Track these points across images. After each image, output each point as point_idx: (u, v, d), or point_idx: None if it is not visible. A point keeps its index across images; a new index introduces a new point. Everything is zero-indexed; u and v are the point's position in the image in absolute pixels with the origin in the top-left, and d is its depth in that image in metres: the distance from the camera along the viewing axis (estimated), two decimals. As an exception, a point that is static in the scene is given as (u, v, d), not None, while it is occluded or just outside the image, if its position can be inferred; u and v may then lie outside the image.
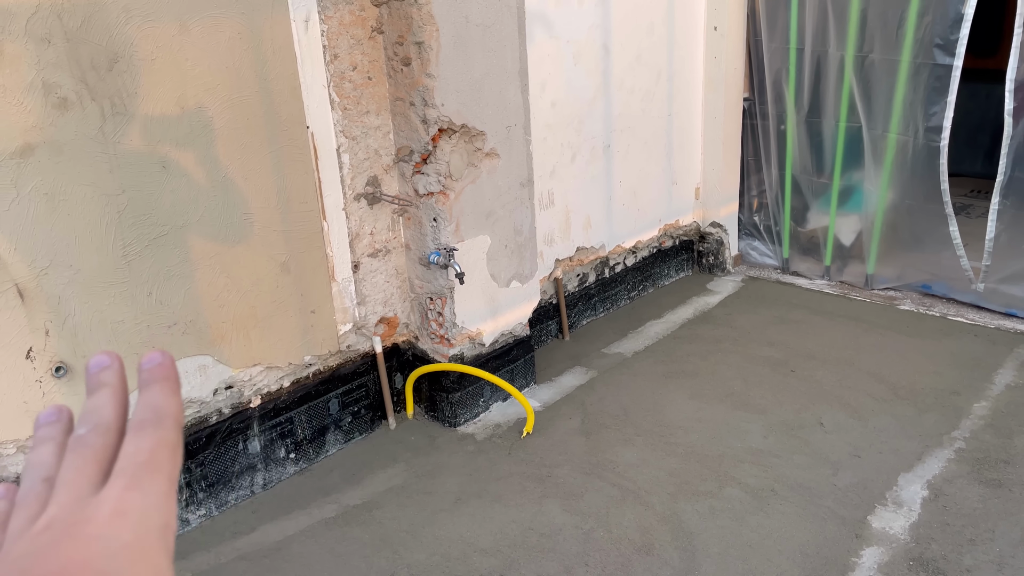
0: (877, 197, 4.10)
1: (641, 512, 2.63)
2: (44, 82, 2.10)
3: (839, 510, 2.58)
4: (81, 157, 2.20)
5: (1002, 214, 3.69)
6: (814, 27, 4.05)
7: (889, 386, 3.32)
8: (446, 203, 2.93)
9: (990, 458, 2.80)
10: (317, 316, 2.87)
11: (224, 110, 2.47)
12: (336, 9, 2.68)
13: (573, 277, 3.99)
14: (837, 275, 4.45)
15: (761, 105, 4.46)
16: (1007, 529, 2.45)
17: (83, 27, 2.14)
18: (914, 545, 2.41)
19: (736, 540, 2.48)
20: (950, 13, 3.53)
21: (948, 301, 4.08)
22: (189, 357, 2.55)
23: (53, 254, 2.20)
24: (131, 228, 2.33)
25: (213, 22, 2.39)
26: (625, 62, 3.90)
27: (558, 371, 3.63)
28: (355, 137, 2.85)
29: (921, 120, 3.76)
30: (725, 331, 3.95)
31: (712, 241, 4.69)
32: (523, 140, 3.15)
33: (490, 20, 2.89)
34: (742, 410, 3.21)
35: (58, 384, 2.28)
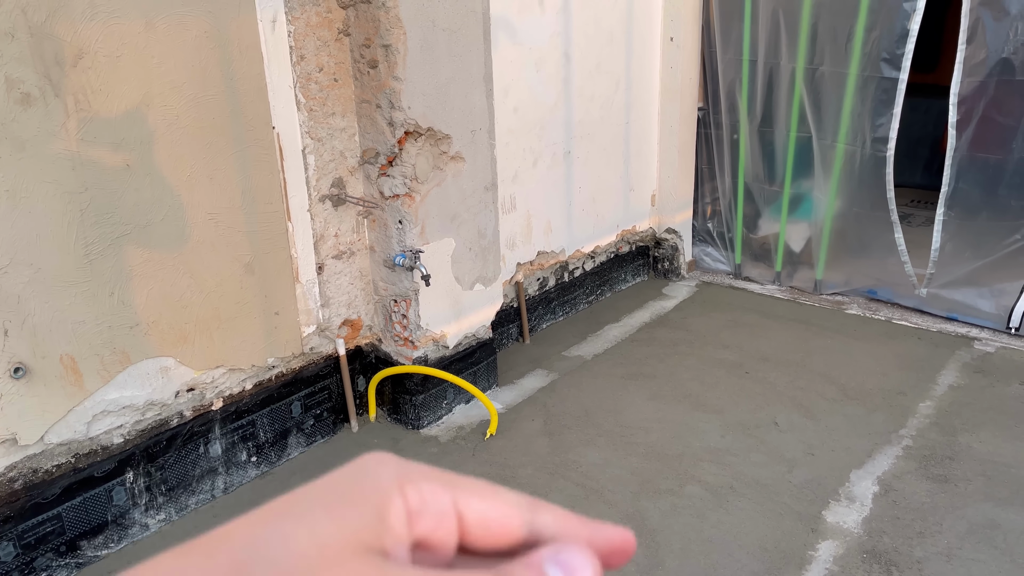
0: (826, 205, 4.24)
1: (605, 510, 2.68)
2: (7, 77, 2.06)
3: (795, 506, 2.67)
4: (43, 154, 2.16)
5: (947, 224, 3.85)
6: (766, 40, 4.18)
7: (839, 387, 3.44)
8: (412, 206, 2.94)
9: (936, 455, 2.92)
10: (281, 318, 2.86)
11: (190, 109, 2.44)
12: (303, 10, 2.68)
13: (534, 281, 4.04)
14: (787, 280, 4.59)
15: (715, 114, 4.57)
16: (954, 522, 2.56)
17: (48, 22, 2.10)
18: (867, 538, 2.51)
19: (697, 536, 2.54)
20: (896, 28, 3.68)
21: (893, 306, 4.23)
22: (151, 358, 2.52)
23: (13, 252, 2.15)
24: (93, 227, 2.29)
25: (179, 20, 2.37)
26: (585, 70, 3.97)
27: (520, 373, 3.67)
28: (321, 139, 2.84)
29: (868, 131, 3.91)
30: (681, 334, 4.04)
31: (667, 247, 4.78)
32: (488, 144, 3.18)
33: (456, 25, 2.92)
34: (700, 411, 3.28)
35: (16, 385, 2.22)
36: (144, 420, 2.55)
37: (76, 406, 2.36)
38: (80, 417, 2.38)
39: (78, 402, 2.36)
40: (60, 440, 2.36)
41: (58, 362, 2.30)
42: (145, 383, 2.52)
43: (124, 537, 2.57)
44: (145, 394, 2.52)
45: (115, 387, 2.44)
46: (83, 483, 2.43)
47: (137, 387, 2.50)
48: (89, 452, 2.43)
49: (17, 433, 2.25)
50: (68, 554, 2.43)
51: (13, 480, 2.28)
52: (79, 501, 2.42)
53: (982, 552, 2.42)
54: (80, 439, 2.40)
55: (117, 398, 2.45)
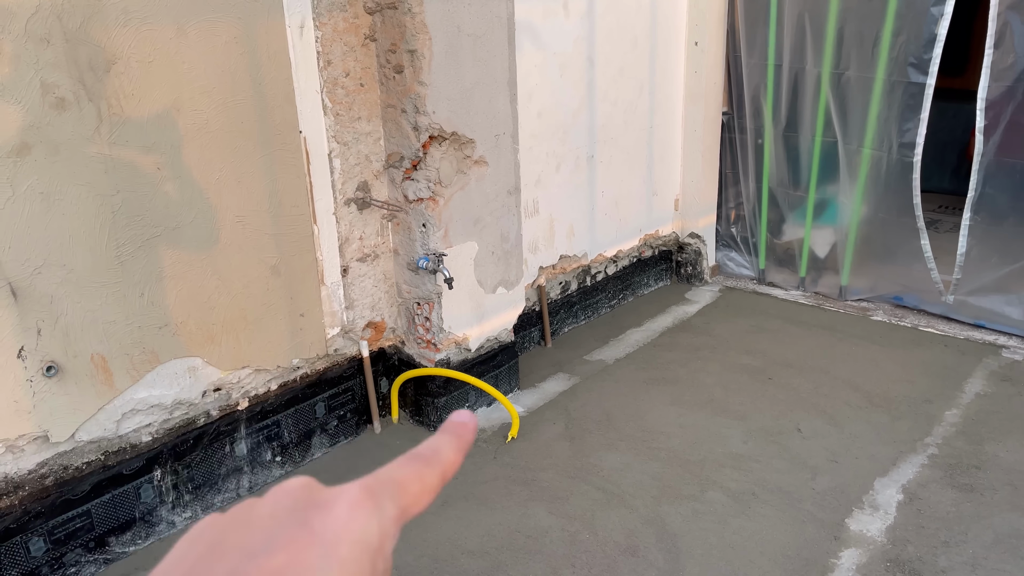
0: (851, 211, 4.21)
1: (625, 515, 2.68)
2: (42, 82, 2.11)
3: (818, 513, 2.65)
4: (77, 157, 2.20)
5: (973, 229, 3.81)
6: (792, 44, 4.16)
7: (864, 394, 3.41)
8: (435, 209, 2.97)
9: (962, 464, 2.89)
10: (306, 319, 2.89)
11: (219, 113, 2.48)
12: (330, 16, 2.72)
13: (556, 285, 4.05)
14: (812, 286, 4.56)
15: (739, 119, 4.56)
16: (979, 531, 2.54)
17: (82, 28, 2.15)
18: (891, 547, 2.49)
19: (719, 542, 2.54)
20: (923, 33, 3.65)
21: (919, 312, 4.19)
22: (179, 358, 2.56)
23: (47, 253, 2.20)
24: (125, 229, 2.34)
25: (210, 26, 2.41)
26: (609, 75, 3.97)
27: (541, 377, 3.68)
28: (346, 143, 2.88)
29: (895, 136, 3.88)
30: (704, 339, 4.03)
31: (690, 251, 4.77)
32: (511, 149, 3.20)
33: (481, 30, 2.94)
34: (722, 416, 3.27)
35: (48, 383, 2.27)
36: (172, 419, 2.59)
37: (106, 404, 2.41)
38: (110, 415, 2.42)
39: (108, 400, 2.41)
40: (90, 438, 2.40)
41: (89, 361, 2.34)
42: (173, 383, 2.56)
43: (151, 534, 2.61)
44: (173, 393, 2.56)
45: (144, 386, 2.48)
46: (112, 480, 2.47)
47: (165, 386, 2.54)
48: (118, 450, 2.48)
49: (49, 431, 2.30)
50: (96, 550, 2.47)
51: (44, 476, 2.32)
52: (108, 498, 2.47)
53: (1008, 562, 2.40)
54: (110, 437, 2.45)
55: (146, 397, 2.50)
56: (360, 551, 0.32)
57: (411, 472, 0.37)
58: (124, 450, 2.49)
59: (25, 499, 2.28)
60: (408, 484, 0.36)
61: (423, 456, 0.38)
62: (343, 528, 0.32)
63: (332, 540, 0.32)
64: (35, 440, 2.29)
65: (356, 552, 0.32)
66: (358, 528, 0.33)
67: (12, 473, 2.26)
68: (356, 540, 0.32)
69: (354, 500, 0.34)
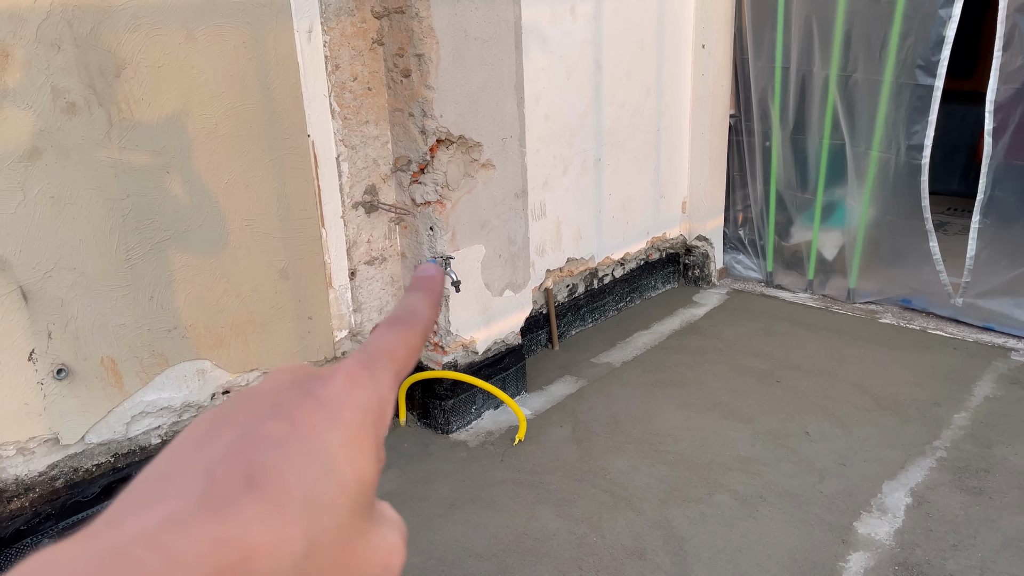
0: (859, 213, 4.20)
1: (633, 518, 2.68)
2: (53, 87, 2.13)
3: (826, 516, 2.65)
4: (87, 161, 2.22)
5: (982, 232, 3.80)
6: (799, 47, 4.15)
7: (872, 397, 3.40)
8: (443, 212, 2.97)
9: (971, 467, 2.88)
10: (314, 322, 2.90)
11: (228, 117, 2.50)
12: (338, 20, 2.73)
13: (563, 288, 4.05)
14: (820, 289, 4.55)
15: (747, 122, 4.56)
16: (988, 535, 2.53)
17: (93, 33, 2.17)
18: (899, 550, 2.48)
19: (726, 545, 2.53)
20: (931, 35, 3.64)
21: (927, 315, 4.18)
22: (188, 361, 2.57)
23: (57, 257, 2.22)
24: (134, 232, 2.36)
25: (219, 31, 2.42)
26: (616, 78, 3.98)
27: (548, 380, 3.68)
28: (354, 146, 2.89)
29: (903, 138, 3.87)
30: (711, 342, 4.02)
31: (698, 254, 4.77)
32: (518, 152, 3.21)
33: (488, 34, 2.95)
34: (730, 419, 3.27)
35: (59, 386, 2.29)
36: (181, 421, 2.61)
37: (116, 407, 2.42)
38: (119, 418, 2.44)
39: (118, 403, 2.43)
40: (100, 440, 2.42)
41: (99, 364, 2.36)
42: (182, 385, 2.57)
43: (160, 536, 2.62)
44: (182, 396, 2.58)
45: (153, 389, 2.50)
46: (122, 482, 2.49)
47: (175, 389, 2.55)
48: (128, 452, 2.49)
49: (59, 433, 2.32)
50: (106, 551, 2.48)
51: (55, 479, 2.34)
52: (117, 500, 2.48)
53: (1017, 566, 2.38)
54: (119, 439, 2.46)
55: (155, 399, 2.51)
56: (363, 414, 0.33)
57: (396, 338, 0.38)
58: (134, 452, 2.51)
59: (36, 501, 2.30)
60: (396, 350, 0.37)
61: (402, 319, 0.39)
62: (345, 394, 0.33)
63: (335, 405, 0.33)
64: (45, 442, 2.30)
65: (359, 415, 0.33)
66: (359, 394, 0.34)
67: (23, 475, 2.28)
68: (358, 405, 0.33)
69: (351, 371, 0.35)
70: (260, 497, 0.28)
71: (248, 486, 0.29)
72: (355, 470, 0.31)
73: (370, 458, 0.33)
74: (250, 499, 0.28)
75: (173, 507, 0.28)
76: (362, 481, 0.32)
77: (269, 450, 0.30)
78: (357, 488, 0.31)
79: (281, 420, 0.31)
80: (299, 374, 0.35)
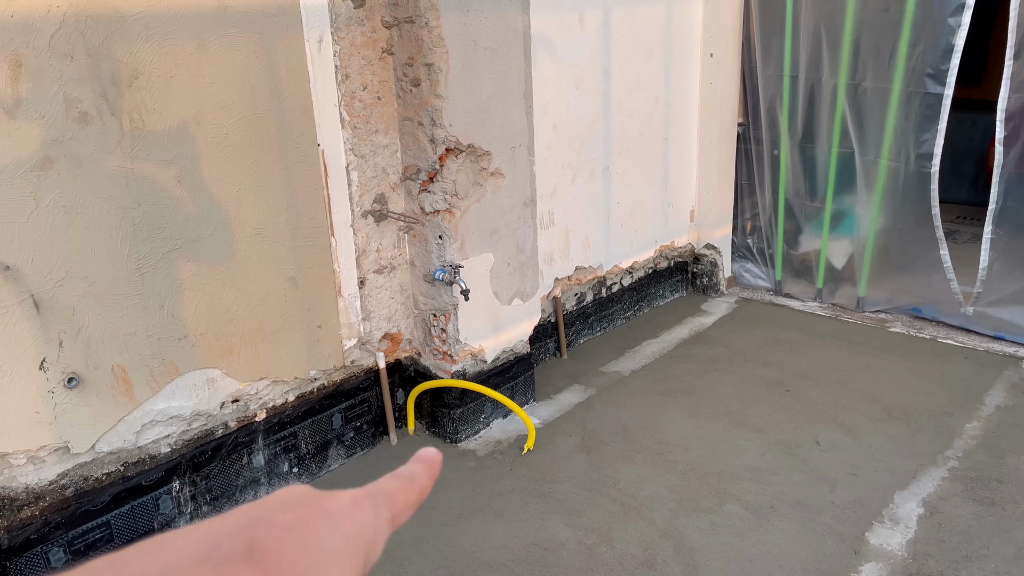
0: (868, 221, 4.19)
1: (643, 528, 2.67)
2: (65, 97, 2.14)
3: (837, 527, 2.63)
4: (99, 171, 2.23)
5: (995, 243, 3.78)
6: (808, 55, 4.15)
7: (883, 406, 3.39)
8: (452, 221, 2.98)
9: (983, 477, 2.86)
10: (323, 331, 2.90)
11: (238, 127, 2.51)
12: (348, 30, 2.74)
13: (571, 296, 4.05)
14: (829, 297, 4.53)
15: (755, 130, 4.55)
16: (1001, 546, 2.51)
17: (105, 44, 2.18)
18: (911, 561, 2.46)
19: (737, 556, 2.52)
20: (941, 44, 3.63)
21: (938, 324, 4.16)
22: (198, 370, 2.57)
23: (69, 266, 2.22)
24: (145, 241, 2.36)
25: (230, 40, 2.44)
26: (624, 86, 3.98)
27: (557, 389, 3.68)
28: (364, 155, 2.90)
29: (912, 147, 3.86)
30: (720, 351, 4.01)
31: (706, 263, 4.76)
32: (527, 160, 3.21)
33: (497, 43, 2.96)
34: (739, 428, 3.26)
35: (69, 395, 2.29)
36: (191, 430, 2.61)
37: (126, 415, 2.43)
38: (130, 426, 2.44)
39: (128, 412, 2.43)
40: (110, 449, 2.42)
41: (110, 372, 2.36)
42: (192, 394, 2.58)
43: (169, 545, 2.62)
44: (192, 405, 2.58)
45: (163, 397, 2.50)
46: (131, 491, 2.49)
47: (184, 398, 2.56)
48: (137, 461, 2.50)
49: (70, 441, 2.32)
50: (116, 560, 2.48)
51: (65, 487, 2.34)
52: (127, 509, 2.49)
53: (1032, 578, 2.37)
54: (129, 448, 2.47)
55: (165, 408, 2.51)
56: (360, 532, 0.37)
57: (396, 486, 0.42)
58: (143, 461, 2.51)
59: (46, 510, 2.30)
60: (395, 495, 0.41)
61: (404, 476, 0.43)
62: (348, 510, 0.37)
63: (338, 515, 0.36)
64: (56, 451, 2.31)
65: (356, 531, 0.36)
66: (359, 514, 0.37)
67: (33, 484, 2.28)
68: (357, 522, 0.37)
69: (356, 495, 0.38)
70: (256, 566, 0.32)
71: (248, 555, 0.32)
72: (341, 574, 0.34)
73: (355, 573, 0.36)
74: (247, 566, 0.31)
75: (175, 557, 0.31)
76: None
77: (272, 531, 0.33)
78: None
79: (288, 513, 0.35)
80: (309, 490, 0.38)
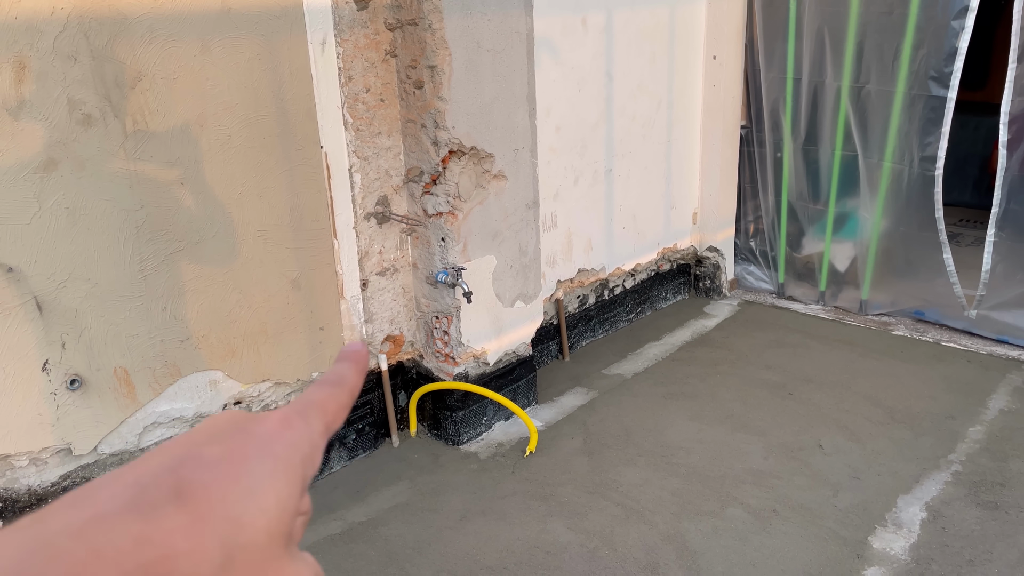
0: (872, 224, 4.19)
1: (645, 531, 2.66)
2: (69, 99, 2.14)
3: (840, 531, 2.62)
4: (102, 173, 2.23)
5: (998, 246, 3.77)
6: (811, 58, 4.15)
7: (886, 410, 3.38)
8: (454, 223, 2.97)
9: (986, 481, 2.85)
10: (326, 333, 2.90)
11: (242, 129, 2.51)
12: (352, 32, 2.74)
13: (573, 299, 4.04)
14: (832, 300, 4.52)
15: (758, 133, 4.55)
16: (1004, 550, 2.50)
17: (108, 45, 2.18)
18: (914, 565, 2.46)
19: (740, 559, 2.51)
20: (944, 47, 3.63)
21: (941, 327, 4.15)
22: (200, 372, 2.57)
23: (72, 267, 2.22)
24: (148, 243, 2.36)
25: (233, 43, 2.44)
26: (627, 89, 3.98)
27: (559, 391, 3.67)
28: (367, 157, 2.89)
29: (916, 150, 3.85)
30: (723, 354, 4.01)
31: (709, 265, 4.76)
32: (530, 163, 3.21)
33: (500, 46, 2.96)
34: (742, 432, 3.25)
35: (72, 397, 2.29)
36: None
37: (128, 417, 2.43)
38: (132, 428, 2.44)
39: (130, 413, 2.43)
40: (112, 451, 2.42)
41: (112, 374, 2.36)
42: (194, 396, 2.58)
43: (171, 547, 2.61)
44: (194, 407, 2.58)
45: (166, 399, 2.50)
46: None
47: (187, 400, 2.56)
48: (139, 463, 2.49)
49: (72, 443, 2.32)
50: (118, 562, 2.48)
51: (67, 489, 2.34)
52: (129, 510, 2.48)
53: (1036, 583, 2.36)
54: (131, 450, 2.47)
55: (167, 410, 2.51)
56: (293, 451, 0.36)
57: (326, 394, 0.41)
58: (145, 463, 2.51)
59: (48, 511, 2.30)
60: (327, 403, 0.41)
61: (332, 381, 0.43)
62: (277, 432, 0.36)
63: (267, 439, 0.36)
64: (58, 453, 2.31)
65: (289, 451, 0.36)
66: (290, 434, 0.37)
67: (35, 486, 2.28)
68: (289, 443, 0.36)
69: (285, 415, 0.38)
70: (185, 508, 0.31)
71: (175, 496, 0.31)
72: (278, 499, 0.34)
73: (294, 491, 0.35)
74: (175, 508, 0.31)
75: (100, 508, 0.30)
76: (283, 509, 0.34)
77: (199, 469, 0.33)
78: (277, 515, 0.34)
79: (214, 446, 0.34)
80: (239, 416, 0.38)
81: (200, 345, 2.55)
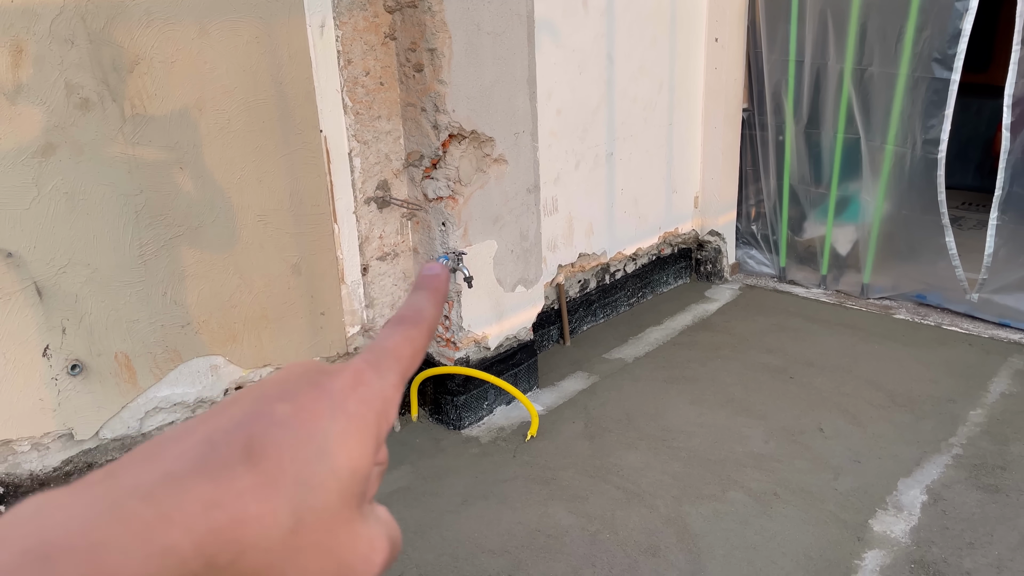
0: (874, 208, 4.17)
1: (646, 515, 2.67)
2: (67, 83, 2.12)
3: (841, 514, 2.63)
4: (101, 157, 2.22)
5: (1001, 229, 3.76)
6: (814, 40, 4.12)
7: (887, 393, 3.38)
8: (455, 208, 2.96)
9: (987, 464, 2.86)
10: (326, 318, 2.90)
11: (240, 113, 2.49)
12: (351, 15, 2.72)
13: (575, 283, 4.04)
14: (833, 284, 4.52)
15: (760, 116, 4.52)
16: (1005, 533, 2.50)
17: (106, 28, 2.16)
18: (915, 548, 2.46)
19: (741, 542, 2.52)
20: (948, 28, 3.60)
21: (942, 311, 4.14)
22: (201, 357, 2.57)
23: (71, 253, 2.22)
24: (148, 228, 2.36)
25: (232, 25, 2.42)
26: (628, 72, 3.95)
27: (560, 376, 3.67)
28: (366, 141, 2.88)
29: (919, 132, 3.83)
30: (724, 338, 4.00)
31: (710, 249, 4.74)
32: (531, 147, 3.19)
33: (501, 28, 2.93)
34: (743, 415, 3.25)
35: (73, 382, 2.29)
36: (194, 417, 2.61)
37: (130, 402, 2.43)
38: (133, 413, 2.44)
39: (131, 399, 2.43)
40: (114, 435, 2.42)
41: (113, 360, 2.36)
42: (195, 381, 2.58)
43: (174, 531, 2.63)
44: (195, 392, 2.58)
45: (167, 384, 2.50)
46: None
47: (188, 384, 2.56)
48: (141, 447, 2.50)
49: (73, 428, 2.32)
50: (121, 546, 2.49)
51: (69, 474, 2.35)
52: (131, 495, 2.49)
53: (1036, 565, 2.36)
54: (133, 435, 2.47)
55: (169, 395, 2.51)
56: (366, 409, 0.35)
57: (401, 338, 0.39)
58: (147, 448, 2.51)
59: (50, 496, 2.31)
60: (401, 349, 0.39)
61: (408, 318, 0.40)
62: (350, 388, 0.35)
63: (340, 396, 0.34)
64: (60, 438, 2.31)
65: (362, 409, 0.34)
66: (364, 390, 0.35)
67: (37, 470, 2.29)
68: (362, 399, 0.35)
69: (358, 368, 0.36)
70: (255, 469, 0.30)
71: (246, 457, 0.30)
72: (350, 459, 0.33)
73: (367, 451, 0.34)
74: (245, 469, 0.30)
75: (171, 466, 0.30)
76: (355, 470, 0.33)
77: (270, 427, 0.31)
78: (349, 476, 0.32)
79: (286, 403, 0.33)
80: (311, 368, 0.36)
81: (201, 330, 2.55)
